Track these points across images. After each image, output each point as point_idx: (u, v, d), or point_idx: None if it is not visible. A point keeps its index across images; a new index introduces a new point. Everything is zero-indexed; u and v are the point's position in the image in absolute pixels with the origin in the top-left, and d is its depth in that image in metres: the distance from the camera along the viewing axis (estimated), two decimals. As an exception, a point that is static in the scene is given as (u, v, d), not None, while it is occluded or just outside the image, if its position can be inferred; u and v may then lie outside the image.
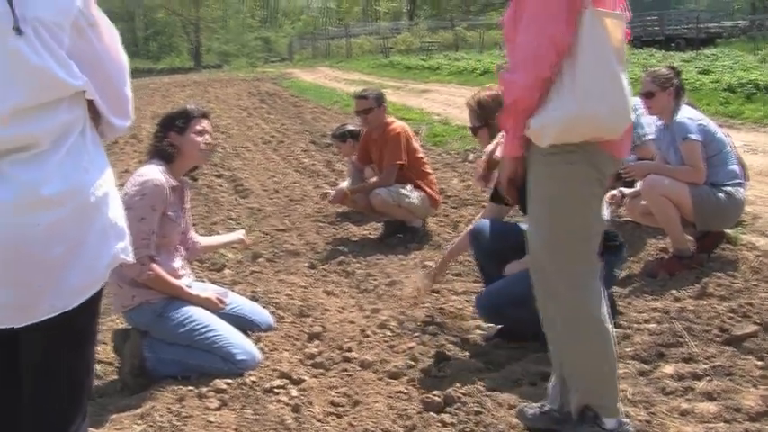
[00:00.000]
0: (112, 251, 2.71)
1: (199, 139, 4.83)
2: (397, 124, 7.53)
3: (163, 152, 4.75)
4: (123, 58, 2.77)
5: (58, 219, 2.52)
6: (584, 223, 3.37)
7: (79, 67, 2.56)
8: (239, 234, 5.67)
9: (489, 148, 4.70)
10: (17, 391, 2.78)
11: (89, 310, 2.72)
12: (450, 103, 19.25)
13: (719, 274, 5.53)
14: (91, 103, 2.69)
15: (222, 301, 4.82)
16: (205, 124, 4.89)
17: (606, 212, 3.63)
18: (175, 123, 4.80)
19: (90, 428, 4.01)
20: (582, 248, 3.38)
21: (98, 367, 4.81)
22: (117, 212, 2.75)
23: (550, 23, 3.11)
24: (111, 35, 2.69)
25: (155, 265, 4.54)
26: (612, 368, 3.47)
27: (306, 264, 6.84)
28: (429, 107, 18.69)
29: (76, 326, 2.72)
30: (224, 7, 75.32)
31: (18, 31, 2.40)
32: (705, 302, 5.08)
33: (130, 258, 2.82)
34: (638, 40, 37.00)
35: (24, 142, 2.49)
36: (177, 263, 4.81)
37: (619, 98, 3.21)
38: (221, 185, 10.85)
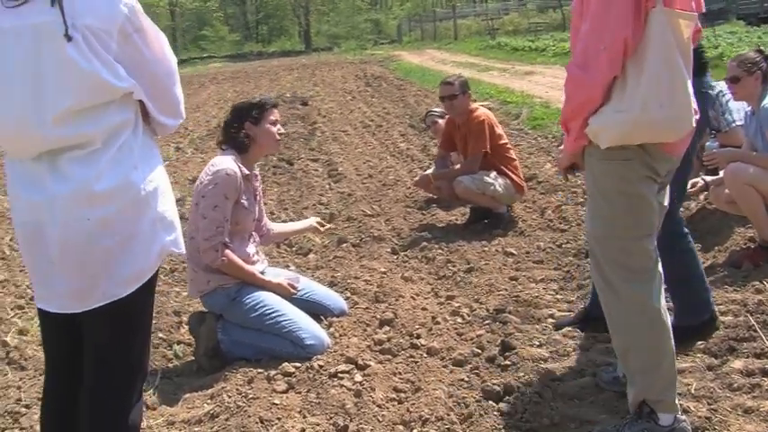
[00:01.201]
0: (162, 243, 2.88)
1: (273, 129, 4.96)
2: (481, 111, 7.51)
3: (239, 143, 4.87)
4: (172, 60, 2.92)
5: (109, 213, 2.71)
6: (638, 219, 3.34)
7: (127, 70, 2.74)
8: (312, 221, 5.77)
9: None
10: (79, 372, 2.96)
11: (141, 297, 2.89)
12: (552, 85, 19.00)
13: (806, 265, 5.37)
14: (143, 103, 2.84)
15: (294, 287, 4.95)
16: (277, 114, 5.00)
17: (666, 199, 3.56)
18: (251, 114, 4.92)
19: (163, 406, 4.23)
20: (636, 244, 3.35)
21: (177, 348, 5.01)
22: (166, 206, 2.90)
23: (621, 23, 3.04)
24: (158, 40, 2.86)
25: (228, 252, 4.69)
26: (671, 363, 3.44)
27: (388, 249, 6.91)
28: (531, 89, 18.48)
29: (130, 312, 2.89)
30: (334, -11, 75.77)
31: (68, 38, 2.57)
32: (786, 295, 4.94)
33: (180, 250, 2.97)
34: (755, 17, 35.68)
35: (78, 141, 2.69)
36: (251, 249, 4.95)
37: (683, 104, 3.16)
38: (316, 170, 11.01)
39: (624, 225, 3.33)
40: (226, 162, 4.74)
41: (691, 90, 3.20)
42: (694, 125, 3.28)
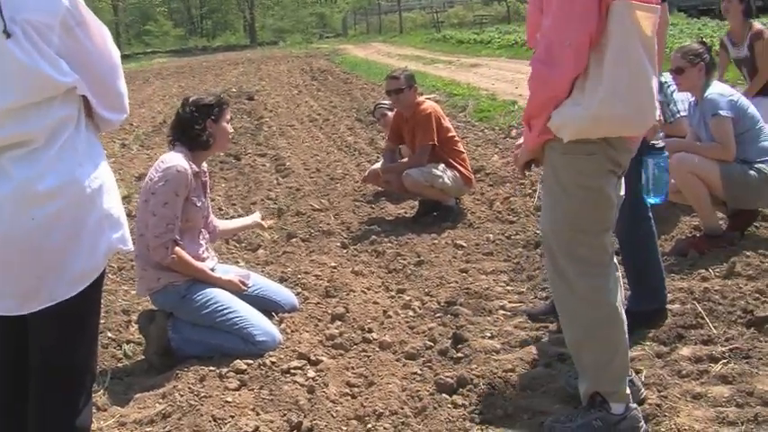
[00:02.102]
0: (109, 241, 2.83)
1: (230, 128, 4.95)
2: (428, 104, 7.54)
3: (203, 142, 4.84)
4: (115, 53, 2.86)
5: (54, 212, 2.65)
6: (597, 213, 3.34)
7: (69, 65, 2.67)
8: (255, 218, 5.74)
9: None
10: (25, 373, 2.91)
11: (89, 297, 2.84)
12: (498, 77, 19.14)
13: (750, 253, 5.43)
14: (86, 98, 2.78)
15: (244, 284, 4.92)
16: (229, 112, 4.98)
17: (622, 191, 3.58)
18: (213, 112, 4.87)
19: (114, 407, 4.18)
20: (594, 238, 3.35)
21: (127, 347, 4.95)
22: (112, 203, 2.85)
23: (585, 18, 3.02)
24: (100, 33, 2.78)
25: (178, 249, 4.64)
26: (624, 357, 3.46)
27: (338, 243, 6.90)
28: (477, 82, 18.58)
29: (77, 312, 2.85)
30: (279, -17, 75.42)
31: (7, 33, 2.50)
32: (732, 282, 5.01)
33: (128, 247, 2.93)
34: (695, 9, 36.23)
35: (20, 139, 2.62)
36: (201, 246, 4.91)
37: (645, 98, 3.16)
38: (263, 165, 10.95)
39: (583, 219, 3.32)
40: (176, 159, 4.69)
41: (655, 84, 3.21)
42: (657, 118, 3.29)
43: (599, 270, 3.38)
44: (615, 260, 3.48)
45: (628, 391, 3.45)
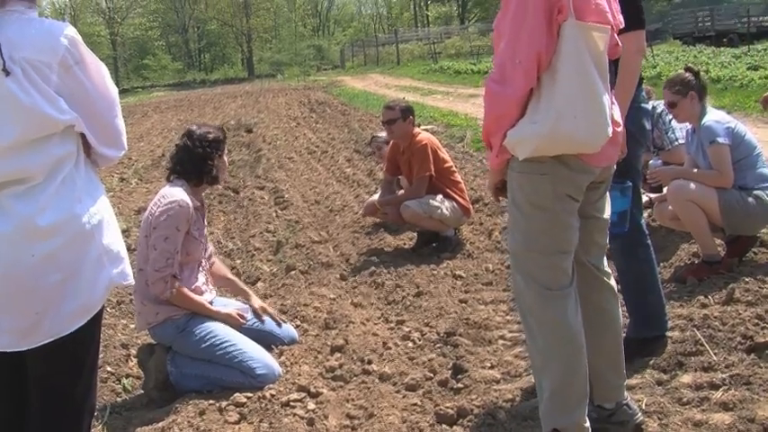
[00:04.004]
0: (109, 276, 2.84)
1: (228, 161, 4.97)
2: (424, 135, 7.57)
3: (212, 176, 4.89)
4: (113, 91, 2.88)
5: (54, 248, 2.66)
6: (552, 235, 3.32)
7: (68, 102, 2.69)
8: (254, 302, 5.30)
9: None
10: (24, 407, 2.90)
11: (88, 332, 2.84)
12: (496, 107, 19.16)
13: (748, 279, 5.42)
14: (84, 135, 2.80)
15: (243, 317, 4.92)
16: None
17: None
18: (221, 147, 4.92)
19: (114, 443, 4.15)
20: (550, 259, 3.33)
21: (126, 381, 4.93)
22: (112, 238, 2.86)
23: (534, 37, 3.07)
24: (98, 71, 2.81)
25: (177, 283, 4.64)
26: (581, 384, 3.39)
27: (337, 275, 6.89)
28: (475, 112, 18.62)
29: (76, 348, 2.85)
30: (275, 17, 75.92)
31: (6, 72, 2.53)
32: (731, 309, 4.99)
33: (128, 281, 2.93)
34: (690, 37, 36.51)
35: (19, 176, 2.64)
36: (200, 279, 4.92)
37: (597, 115, 3.17)
38: (262, 197, 10.97)
39: (538, 239, 3.32)
40: (177, 194, 4.71)
41: (606, 101, 3.22)
42: (610, 135, 3.29)
43: (557, 292, 3.35)
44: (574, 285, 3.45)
45: (587, 424, 3.39)
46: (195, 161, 4.84)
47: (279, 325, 5.15)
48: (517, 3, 3.11)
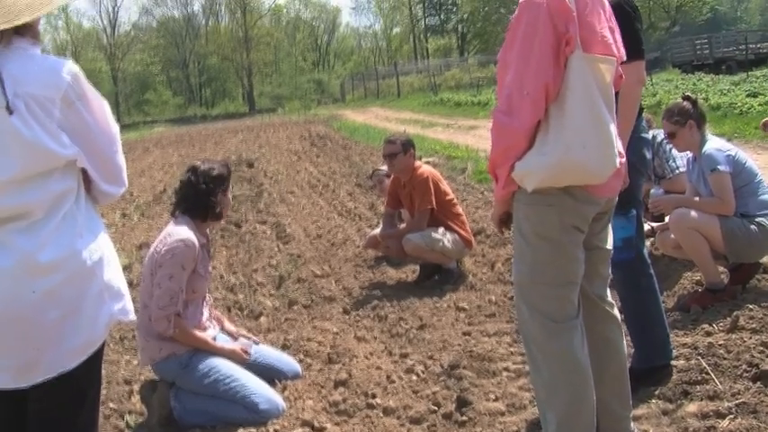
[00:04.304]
0: (110, 312, 2.83)
1: (231, 196, 4.99)
2: (425, 168, 7.59)
3: (215, 213, 4.91)
4: (114, 127, 2.90)
5: (54, 285, 2.65)
6: (559, 266, 3.33)
7: (70, 137, 2.71)
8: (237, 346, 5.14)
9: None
10: None
11: (90, 368, 2.83)
12: (497, 138, 19.18)
13: (752, 306, 5.41)
14: (85, 170, 2.81)
15: (246, 353, 4.90)
16: None
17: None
18: (225, 183, 4.94)
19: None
20: (556, 291, 3.34)
21: (129, 418, 4.91)
22: (113, 274, 2.85)
23: (542, 69, 3.10)
24: (100, 107, 2.83)
25: (180, 321, 4.65)
26: (590, 413, 3.38)
27: (340, 309, 6.88)
28: (476, 144, 18.67)
29: (78, 384, 2.83)
30: (275, 51, 76.36)
31: (9, 109, 2.54)
32: (736, 336, 4.98)
33: (129, 317, 2.92)
34: (689, 65, 36.68)
35: (20, 211, 2.64)
36: (204, 315, 4.92)
37: (605, 146, 3.19)
38: (264, 232, 10.97)
39: (545, 271, 3.32)
40: (183, 232, 4.73)
41: (613, 132, 3.25)
42: (618, 166, 3.31)
43: (563, 324, 3.34)
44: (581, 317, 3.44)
45: None
46: (199, 197, 4.86)
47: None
48: (524, 34, 3.14)
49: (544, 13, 3.10)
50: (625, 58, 3.44)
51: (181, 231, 4.75)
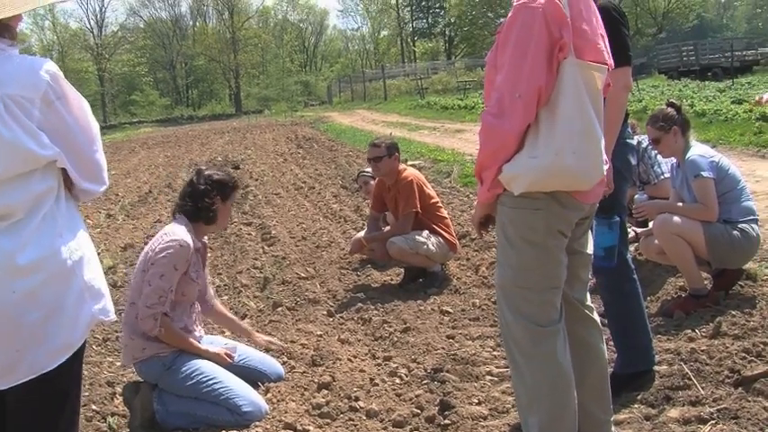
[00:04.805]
0: (91, 312, 2.82)
1: (231, 209, 5.02)
2: (409, 171, 7.61)
3: (208, 216, 4.89)
4: (94, 126, 2.88)
5: (35, 285, 2.63)
6: (544, 270, 3.33)
7: (50, 137, 2.69)
8: (258, 339, 5.66)
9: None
10: None
11: (70, 369, 2.82)
12: (482, 142, 19.22)
13: (735, 312, 5.44)
14: (65, 170, 2.79)
15: (230, 356, 4.90)
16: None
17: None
18: (225, 191, 4.93)
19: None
20: (540, 295, 3.34)
21: (111, 420, 4.88)
22: (93, 274, 2.84)
23: (536, 72, 3.10)
24: (80, 106, 2.81)
25: (166, 321, 4.66)
26: (572, 418, 3.38)
27: (324, 312, 6.87)
28: (462, 147, 18.72)
29: (58, 385, 2.81)
30: (262, 53, 76.28)
31: None
32: (718, 342, 5.00)
33: (109, 317, 2.91)
34: (675, 71, 36.86)
35: (1, 212, 2.61)
36: (191, 318, 4.92)
37: (594, 153, 3.21)
38: (249, 234, 10.95)
39: (529, 275, 3.31)
40: (180, 233, 4.74)
41: (602, 139, 3.26)
42: (605, 172, 3.32)
43: (547, 328, 3.34)
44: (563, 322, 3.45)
45: None
46: (196, 196, 4.88)
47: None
48: (518, 37, 3.14)
49: (540, 18, 3.10)
50: (614, 67, 3.45)
51: (178, 232, 4.75)
